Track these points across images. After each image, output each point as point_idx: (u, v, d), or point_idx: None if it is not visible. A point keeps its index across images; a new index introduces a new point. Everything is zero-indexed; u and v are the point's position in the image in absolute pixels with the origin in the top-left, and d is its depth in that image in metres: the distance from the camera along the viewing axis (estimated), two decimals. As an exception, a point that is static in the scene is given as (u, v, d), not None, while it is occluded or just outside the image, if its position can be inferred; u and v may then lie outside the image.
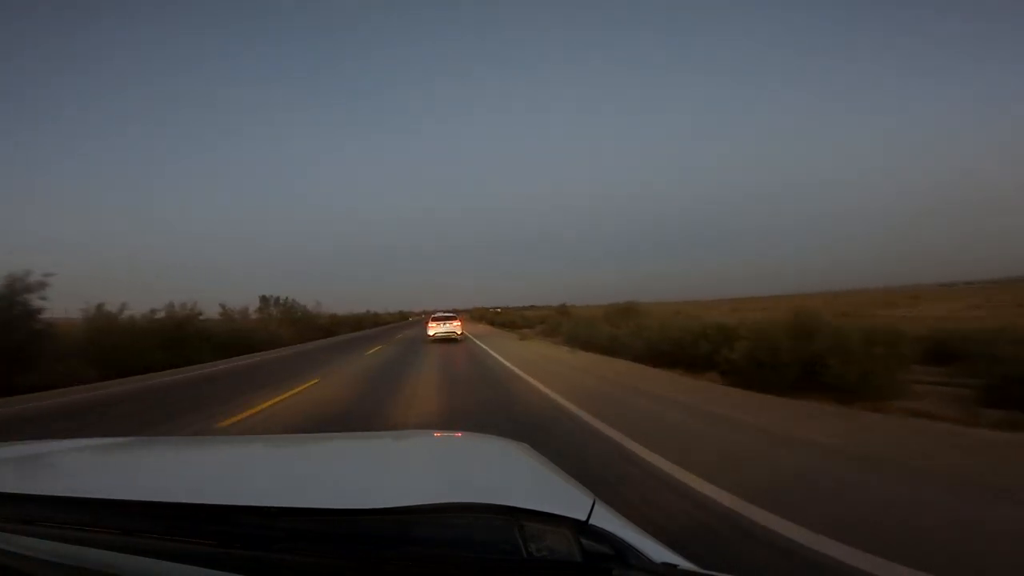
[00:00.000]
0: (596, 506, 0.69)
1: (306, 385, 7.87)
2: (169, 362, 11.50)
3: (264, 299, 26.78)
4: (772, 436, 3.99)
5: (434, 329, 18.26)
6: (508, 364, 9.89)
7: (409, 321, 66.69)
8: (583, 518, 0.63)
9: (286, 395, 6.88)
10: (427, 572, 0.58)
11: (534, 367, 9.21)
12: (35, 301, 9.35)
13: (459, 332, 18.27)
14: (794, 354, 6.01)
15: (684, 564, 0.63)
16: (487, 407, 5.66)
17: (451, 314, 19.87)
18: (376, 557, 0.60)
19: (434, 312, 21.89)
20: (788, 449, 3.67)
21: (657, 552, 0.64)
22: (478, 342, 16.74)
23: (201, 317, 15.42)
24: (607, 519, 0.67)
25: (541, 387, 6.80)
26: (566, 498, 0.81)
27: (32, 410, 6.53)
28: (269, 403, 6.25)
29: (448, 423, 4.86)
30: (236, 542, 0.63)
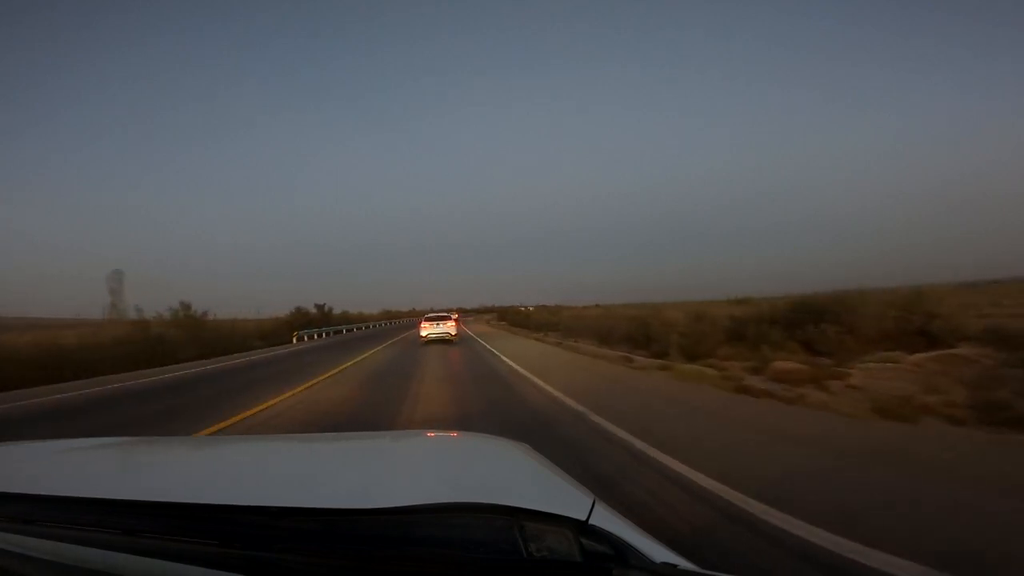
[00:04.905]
0: (596, 506, 0.69)
1: None
2: None
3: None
4: None
5: (427, 330, 17.63)
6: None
7: (341, 333, 30.77)
8: (583, 518, 0.63)
9: None
10: (427, 572, 0.58)
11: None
12: None
13: (454, 333, 17.74)
14: None
15: (684, 564, 0.63)
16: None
17: (445, 314, 19.45)
18: (376, 557, 0.60)
19: (430, 311, 20.87)
20: None
21: (657, 552, 0.64)
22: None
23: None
24: (607, 519, 0.67)
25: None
26: (566, 498, 0.81)
27: None
28: None
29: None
30: (237, 542, 0.63)
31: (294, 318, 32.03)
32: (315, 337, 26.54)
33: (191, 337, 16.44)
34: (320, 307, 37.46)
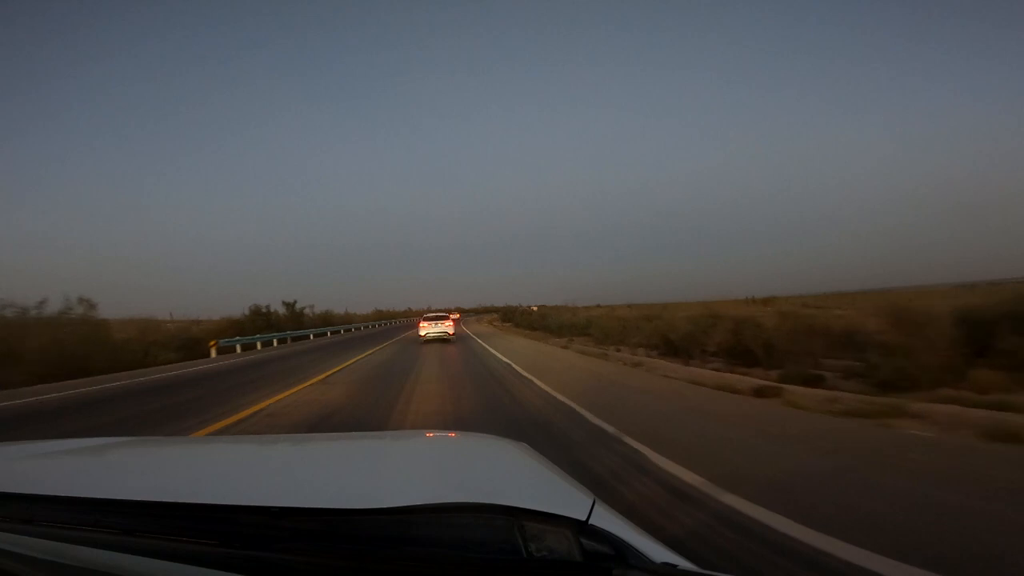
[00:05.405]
0: (596, 506, 0.69)
1: None
2: None
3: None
4: None
5: (426, 330, 18.27)
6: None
7: (308, 339, 25.11)
8: (583, 518, 0.63)
9: None
10: (427, 572, 0.58)
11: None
12: None
13: (451, 332, 18.29)
14: None
15: (684, 564, 0.63)
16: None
17: (443, 314, 20.32)
18: (376, 557, 0.60)
19: (427, 312, 21.92)
20: None
21: (657, 552, 0.64)
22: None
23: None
24: (607, 519, 0.67)
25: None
26: (566, 498, 0.81)
27: None
28: None
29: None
30: (236, 542, 0.63)
31: (249, 320, 23.89)
32: (258, 347, 19.93)
33: (52, 343, 11.56)
34: (289, 305, 29.15)
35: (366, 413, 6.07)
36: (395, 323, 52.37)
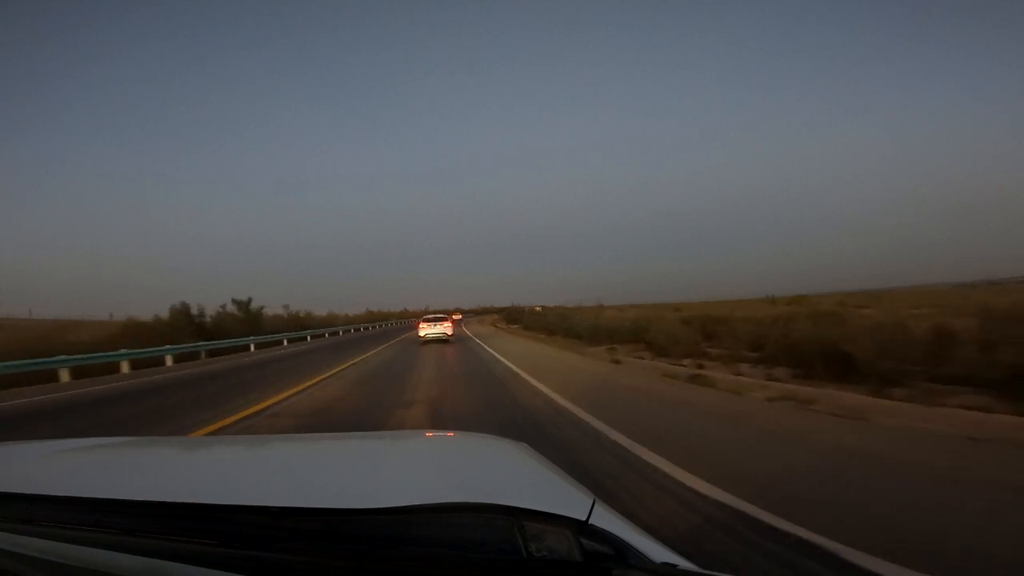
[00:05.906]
0: (596, 506, 0.69)
1: None
2: None
3: None
4: None
5: (426, 331, 19.14)
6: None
7: (250, 351, 17.63)
8: (583, 518, 0.63)
9: None
10: (427, 572, 0.58)
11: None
12: None
13: (450, 333, 19.09)
14: None
15: (684, 564, 0.63)
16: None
17: (443, 315, 21.56)
18: (376, 557, 0.60)
19: (426, 314, 23.74)
20: None
21: (657, 552, 0.64)
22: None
23: None
24: (607, 519, 0.67)
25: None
26: (566, 498, 0.81)
27: None
28: None
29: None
30: (237, 542, 0.63)
31: (166, 324, 17.76)
32: (123, 368, 12.68)
33: None
34: (243, 304, 22.97)
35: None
36: (389, 325, 46.89)
